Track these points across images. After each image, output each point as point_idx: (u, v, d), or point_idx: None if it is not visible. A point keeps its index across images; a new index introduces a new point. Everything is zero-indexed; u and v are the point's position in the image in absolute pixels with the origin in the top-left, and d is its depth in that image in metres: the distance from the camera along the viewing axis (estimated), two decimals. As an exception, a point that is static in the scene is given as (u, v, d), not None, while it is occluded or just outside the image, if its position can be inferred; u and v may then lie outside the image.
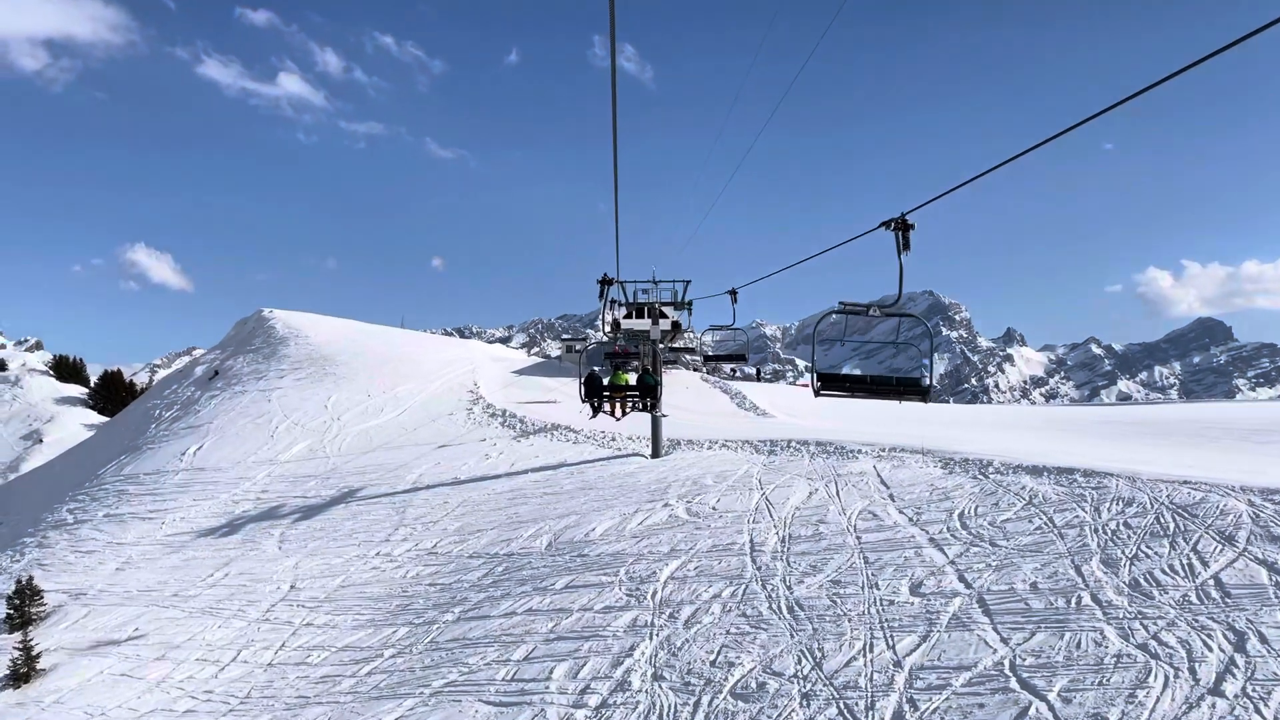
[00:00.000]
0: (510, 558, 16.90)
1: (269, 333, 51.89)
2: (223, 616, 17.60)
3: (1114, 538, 10.86)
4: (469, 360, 44.21)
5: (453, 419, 31.66)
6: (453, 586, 16.31)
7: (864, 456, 18.52)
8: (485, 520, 19.74)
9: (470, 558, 17.65)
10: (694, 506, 17.13)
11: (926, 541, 12.29)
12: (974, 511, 13.18)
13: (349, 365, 41.17)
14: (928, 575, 11.08)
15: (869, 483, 16.19)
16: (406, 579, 17.48)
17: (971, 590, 10.31)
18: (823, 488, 16.53)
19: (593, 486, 20.74)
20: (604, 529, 17.00)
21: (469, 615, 14.55)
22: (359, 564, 18.91)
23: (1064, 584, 9.83)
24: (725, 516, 15.97)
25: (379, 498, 23.15)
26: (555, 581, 14.70)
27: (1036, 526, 11.89)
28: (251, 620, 17.19)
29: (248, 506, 24.43)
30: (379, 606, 16.46)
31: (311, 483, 25.68)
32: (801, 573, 12.26)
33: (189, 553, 21.74)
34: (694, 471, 20.38)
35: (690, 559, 14.02)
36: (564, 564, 15.55)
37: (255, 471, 27.50)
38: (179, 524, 23.96)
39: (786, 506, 15.72)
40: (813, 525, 14.26)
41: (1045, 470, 14.42)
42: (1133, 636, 8.41)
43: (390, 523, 21.01)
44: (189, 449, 31.04)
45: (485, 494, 21.91)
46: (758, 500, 16.57)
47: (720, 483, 18.77)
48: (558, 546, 16.73)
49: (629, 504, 18.39)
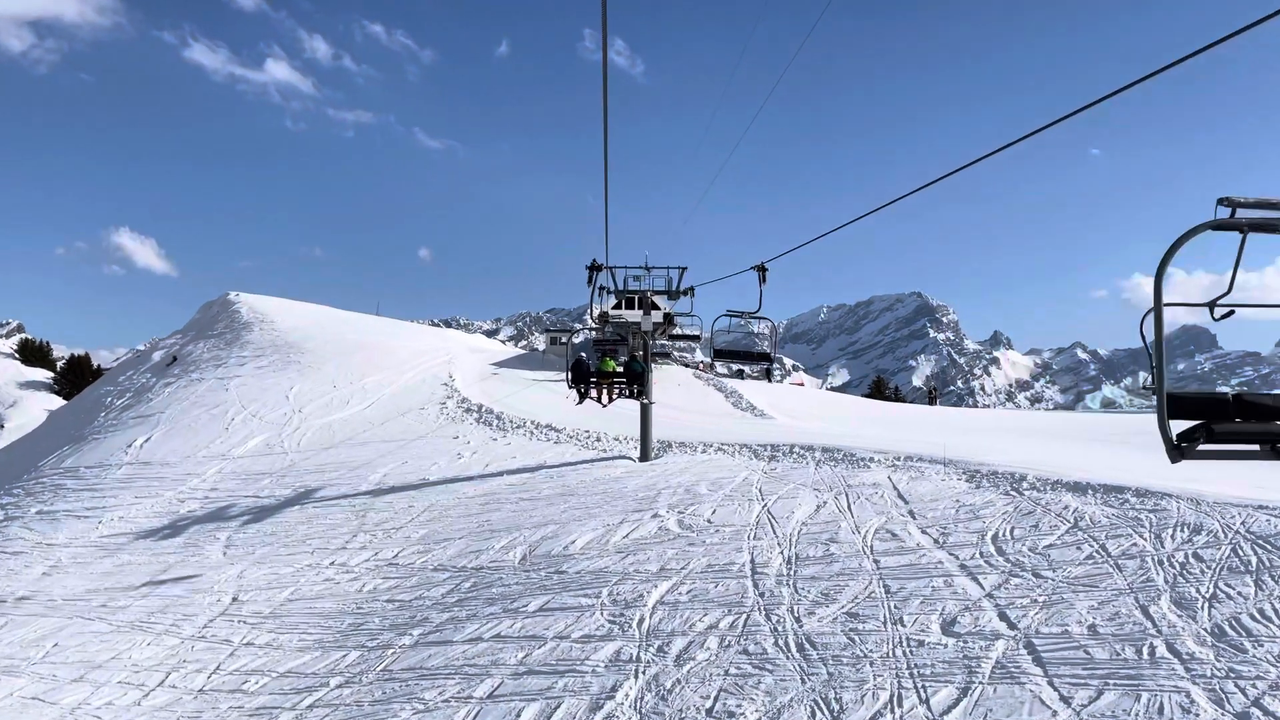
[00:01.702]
0: (479, 572, 15.57)
1: (233, 317, 50.36)
2: (153, 632, 16.18)
3: (1184, 572, 9.60)
4: (445, 351, 42.76)
5: (424, 414, 30.27)
6: (413, 604, 14.97)
7: (877, 466, 17.26)
8: (453, 528, 18.41)
9: (434, 570, 16.31)
10: (687, 518, 15.84)
11: (957, 568, 11.01)
12: (1009, 534, 11.91)
13: (316, 353, 39.68)
14: (961, 610, 9.79)
15: (884, 496, 14.92)
16: (362, 593, 16.13)
17: (1017, 632, 9.02)
18: (832, 500, 15.25)
19: (574, 492, 19.43)
20: (585, 541, 15.70)
21: (429, 639, 13.20)
22: (310, 574, 17.54)
23: (1131, 629, 8.55)
24: (722, 531, 14.67)
25: (338, 499, 21.76)
26: (528, 602, 13.36)
27: (1087, 555, 10.62)
28: (185, 637, 15.79)
29: (194, 506, 22.99)
30: (329, 625, 15.09)
31: (265, 481, 24.26)
32: (812, 601, 10.97)
33: (124, 556, 20.31)
34: (686, 478, 19.09)
35: (683, 580, 12.72)
36: (539, 581, 14.23)
37: (205, 467, 26.05)
38: (117, 524, 22.51)
39: (791, 521, 14.43)
40: (822, 544, 12.98)
41: (1090, 487, 13.17)
42: (1228, 702, 7.14)
43: (348, 528, 19.65)
44: (136, 441, 29.54)
45: (455, 498, 20.56)
46: (758, 513, 15.28)
47: (716, 491, 17.49)
48: (533, 561, 15.42)
49: (614, 513, 17.08)
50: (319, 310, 54.42)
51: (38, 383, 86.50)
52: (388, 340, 44.06)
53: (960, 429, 30.32)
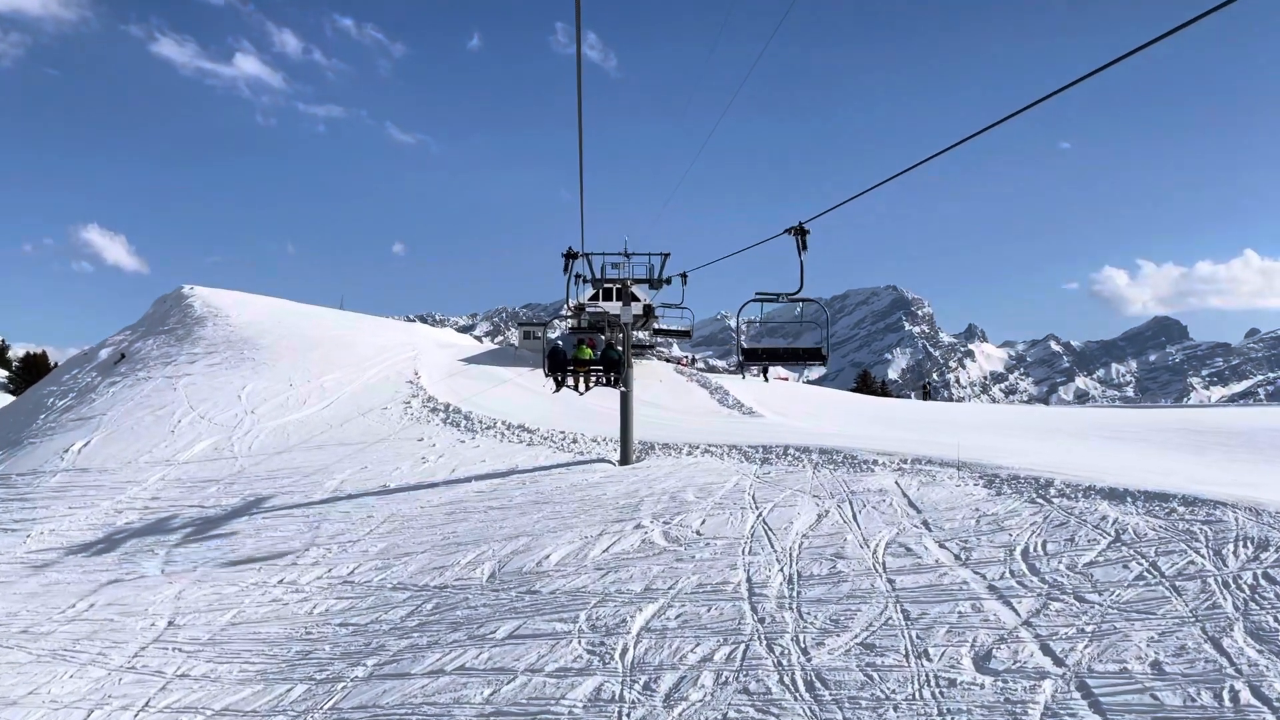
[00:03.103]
0: (442, 592, 14.39)
1: (185, 312, 48.80)
2: (78, 662, 14.85)
3: (1256, 596, 8.55)
4: (411, 346, 41.40)
5: (386, 414, 28.98)
6: (368, 629, 13.76)
7: (882, 469, 16.19)
8: (415, 540, 17.21)
9: (393, 590, 15.11)
10: (673, 529, 14.72)
11: (985, 590, 9.93)
12: (1042, 549, 10.85)
13: (272, 350, 38.24)
14: (996, 641, 8.71)
15: (893, 504, 13.85)
16: (313, 616, 14.90)
17: (1065, 669, 7.95)
18: (834, 509, 14.17)
19: (548, 500, 18.27)
20: (560, 556, 14.56)
21: (385, 672, 12.00)
22: (256, 594, 16.28)
23: (1203, 667, 7.49)
24: (713, 544, 13.55)
25: (290, 509, 20.48)
26: (497, 628, 12.20)
27: (1137, 575, 9.57)
28: (114, 668, 14.47)
29: (132, 517, 21.63)
30: (274, 653, 13.84)
31: (212, 489, 22.92)
32: (820, 629, 9.86)
33: (53, 575, 18.95)
34: (671, 483, 17.98)
35: (671, 602, 11.59)
36: (509, 603, 13.07)
37: (147, 474, 24.66)
38: (47, 538, 21.11)
39: (790, 533, 13.33)
40: (827, 560, 11.88)
41: (1129, 494, 12.14)
42: (1340, 763, 6.10)
43: (300, 541, 18.40)
44: (74, 445, 28.09)
45: (418, 507, 19.35)
46: (753, 523, 14.18)
47: (704, 498, 16.39)
48: (502, 578, 14.25)
49: (592, 523, 15.95)
50: (277, 304, 52.86)
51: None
52: (349, 335, 42.65)
53: (959, 425, 29.38)
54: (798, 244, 14.61)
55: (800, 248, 14.75)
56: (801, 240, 14.67)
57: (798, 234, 14.53)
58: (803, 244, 14.62)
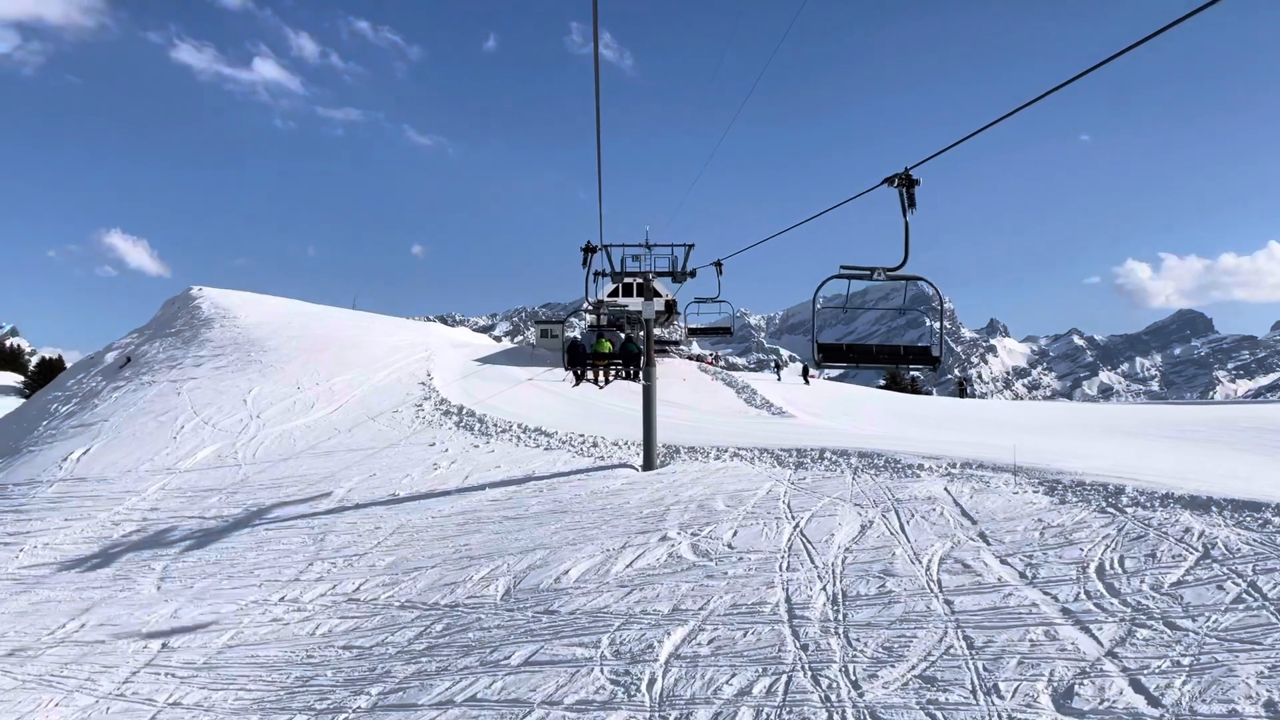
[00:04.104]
0: (453, 611, 13.60)
1: (193, 313, 48.37)
2: (65, 689, 14.16)
3: (1383, 624, 7.61)
4: (424, 346, 40.70)
5: (397, 418, 28.26)
6: (373, 652, 12.99)
7: (929, 474, 15.25)
8: (425, 554, 16.43)
9: (401, 609, 14.34)
10: (702, 542, 13.86)
11: (1058, 613, 9.01)
12: (1119, 565, 9.91)
13: (280, 351, 37.65)
14: (1077, 675, 7.80)
15: (945, 514, 12.92)
16: (315, 637, 14.15)
17: (1162, 710, 7.03)
18: (879, 519, 13.26)
19: (567, 509, 17.46)
20: (580, 572, 13.74)
21: (389, 702, 11.22)
22: (256, 613, 15.55)
23: (1331, 710, 6.56)
24: (747, 559, 12.68)
25: (294, 520, 19.76)
26: (511, 653, 11.38)
27: (1234, 597, 8.62)
28: (102, 695, 13.78)
29: (129, 530, 20.98)
30: (272, 679, 13.10)
31: (214, 499, 22.26)
32: (871, 658, 8.97)
33: (44, 592, 18.32)
34: (699, 490, 17.12)
35: (702, 625, 10.73)
36: (525, 625, 12.26)
37: (147, 483, 24.04)
38: (40, 552, 20.49)
39: (832, 546, 12.44)
40: (875, 578, 10.99)
41: (1214, 503, 11.16)
42: None
43: (304, 555, 17.67)
44: (73, 453, 27.53)
45: (429, 517, 18.58)
46: (790, 535, 13.29)
47: (735, 507, 15.52)
48: (518, 596, 13.46)
49: (614, 535, 15.12)
50: (287, 304, 52.38)
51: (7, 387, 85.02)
52: (360, 335, 42.03)
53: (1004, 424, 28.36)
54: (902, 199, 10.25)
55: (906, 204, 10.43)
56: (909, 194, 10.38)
57: (904, 184, 10.18)
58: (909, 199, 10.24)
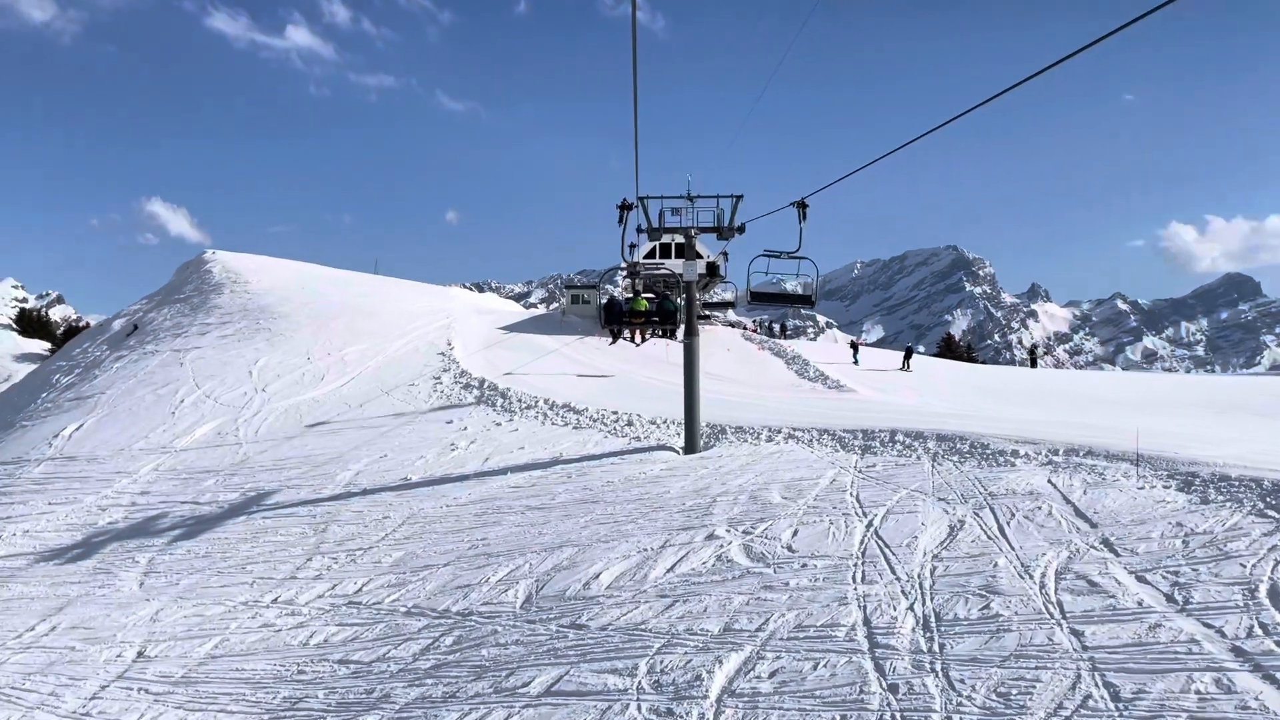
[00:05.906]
0: (466, 621, 12.13)
1: (203, 279, 47.34)
2: (24, 705, 12.87)
3: None
4: (445, 313, 39.27)
5: (413, 391, 26.86)
6: (373, 669, 11.56)
7: (1026, 462, 13.48)
8: (437, 549, 14.99)
9: (407, 615, 12.90)
10: (756, 542, 12.24)
11: (1227, 653, 7.29)
12: (1297, 587, 8.16)
13: (290, 319, 36.41)
14: (1270, 745, 6.10)
15: (1054, 513, 11.18)
16: (308, 648, 12.76)
17: None
18: (971, 518, 11.55)
19: (598, 498, 15.93)
20: (613, 576, 12.22)
21: (386, 735, 9.78)
22: (245, 616, 14.20)
23: None
24: (812, 566, 11.05)
25: (295, 507, 18.42)
26: (531, 678, 9.87)
27: None
28: (63, 714, 12.47)
29: (116, 516, 19.75)
30: (257, 698, 11.72)
31: (210, 481, 20.98)
32: (983, 707, 7.32)
33: (17, 587, 17.12)
34: (750, 478, 15.51)
35: (761, 652, 9.13)
36: (547, 641, 10.76)
37: (139, 463, 22.84)
38: (18, 541, 19.33)
39: (916, 552, 10.76)
40: (975, 595, 9.31)
41: None
42: None
43: (303, 548, 16.31)
44: (65, 429, 26.44)
45: (443, 505, 17.14)
46: (863, 537, 11.63)
47: (794, 499, 13.88)
48: (540, 604, 11.96)
49: (653, 531, 13.57)
50: (302, 268, 51.27)
51: (35, 355, 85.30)
52: (376, 303, 40.67)
53: (1096, 400, 26.42)
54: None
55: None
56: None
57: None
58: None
